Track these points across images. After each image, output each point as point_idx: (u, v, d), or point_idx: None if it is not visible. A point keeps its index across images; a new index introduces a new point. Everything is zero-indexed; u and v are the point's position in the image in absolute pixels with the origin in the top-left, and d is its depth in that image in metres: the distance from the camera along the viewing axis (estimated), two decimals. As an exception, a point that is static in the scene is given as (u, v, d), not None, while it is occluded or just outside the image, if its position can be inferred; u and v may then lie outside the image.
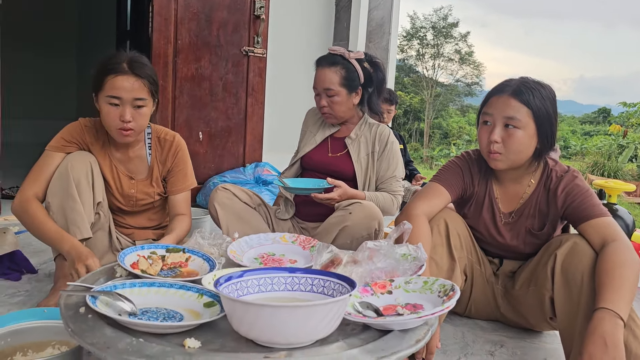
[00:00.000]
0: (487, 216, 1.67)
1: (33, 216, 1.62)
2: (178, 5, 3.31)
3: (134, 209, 1.86)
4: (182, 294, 1.14)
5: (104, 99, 1.65)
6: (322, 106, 2.05)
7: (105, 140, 1.79)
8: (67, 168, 1.64)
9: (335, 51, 2.07)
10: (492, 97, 1.57)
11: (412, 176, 4.21)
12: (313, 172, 2.13)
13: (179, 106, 3.40)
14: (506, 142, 1.52)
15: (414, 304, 1.11)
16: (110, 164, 1.79)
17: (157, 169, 1.85)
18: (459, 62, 26.98)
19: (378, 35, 4.48)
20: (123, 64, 1.65)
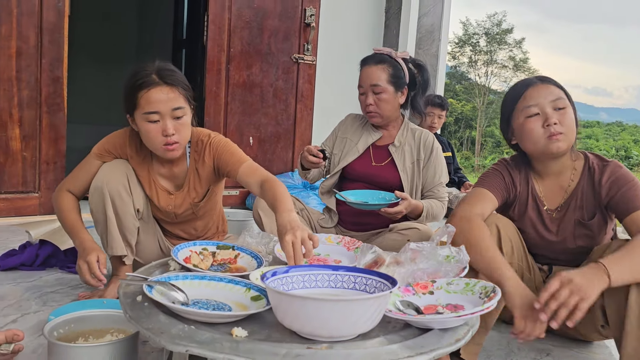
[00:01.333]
0: (533, 214, 1.66)
1: (59, 208, 1.71)
2: (232, 15, 3.43)
3: (175, 221, 1.87)
4: (231, 287, 1.19)
5: (141, 118, 1.59)
6: (368, 104, 2.03)
7: (147, 154, 1.76)
8: (102, 182, 1.66)
9: (381, 50, 2.07)
10: (526, 91, 1.59)
11: (460, 183, 4.17)
12: (356, 182, 2.09)
13: (231, 112, 3.51)
14: (563, 122, 1.53)
15: (455, 304, 1.13)
16: (149, 179, 1.78)
17: (194, 175, 1.79)
18: (513, 68, 26.38)
19: (427, 42, 4.47)
20: (152, 75, 1.58)
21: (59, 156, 2.94)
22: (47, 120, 2.89)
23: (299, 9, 3.67)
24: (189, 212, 1.84)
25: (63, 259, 2.09)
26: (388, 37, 4.32)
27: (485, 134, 22.95)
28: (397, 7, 4.24)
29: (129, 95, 1.61)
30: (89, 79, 6.19)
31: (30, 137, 2.85)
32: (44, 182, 2.91)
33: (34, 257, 2.05)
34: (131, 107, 1.61)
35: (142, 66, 1.62)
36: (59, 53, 2.88)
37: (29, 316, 1.62)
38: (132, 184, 1.72)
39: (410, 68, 2.08)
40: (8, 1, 2.71)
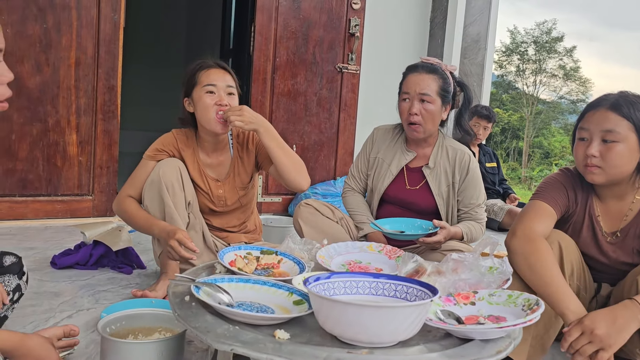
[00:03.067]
0: (588, 235, 1.59)
1: (127, 211, 1.84)
2: (278, 25, 3.51)
3: (224, 209, 2.00)
4: (274, 291, 1.22)
5: (200, 91, 1.84)
6: (413, 113, 1.92)
7: (195, 146, 1.96)
8: (158, 175, 1.81)
9: (429, 60, 2.00)
10: (587, 113, 1.52)
11: (505, 195, 4.09)
12: (390, 205, 2.06)
13: (275, 120, 3.58)
14: (605, 156, 1.45)
15: (497, 315, 1.12)
16: (199, 169, 1.95)
17: (238, 163, 1.98)
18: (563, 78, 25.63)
19: (473, 51, 4.43)
20: (211, 61, 1.89)
21: (111, 161, 3.08)
22: (102, 127, 3.02)
23: (344, 19, 3.72)
24: (236, 200, 1.98)
25: (114, 260, 2.19)
26: (433, 47, 4.30)
27: (533, 144, 22.36)
28: (443, 17, 4.22)
29: (190, 78, 1.88)
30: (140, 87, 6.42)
31: (86, 143, 3.00)
32: (97, 186, 3.05)
33: (87, 257, 2.15)
34: (190, 87, 1.87)
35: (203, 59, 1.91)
36: (114, 63, 3.02)
37: (83, 313, 1.71)
38: (185, 178, 1.86)
39: (454, 84, 2.02)
40: (69, 14, 2.86)
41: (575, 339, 1.21)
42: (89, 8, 2.91)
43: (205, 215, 1.99)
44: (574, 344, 1.21)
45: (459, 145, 2.06)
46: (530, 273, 1.37)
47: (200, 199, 1.96)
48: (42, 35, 2.81)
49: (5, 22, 2.71)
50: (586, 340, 1.20)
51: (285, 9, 3.52)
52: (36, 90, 2.83)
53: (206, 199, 1.96)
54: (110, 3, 2.95)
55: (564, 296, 1.31)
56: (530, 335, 1.39)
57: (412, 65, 2.02)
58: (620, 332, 1.20)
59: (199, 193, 1.95)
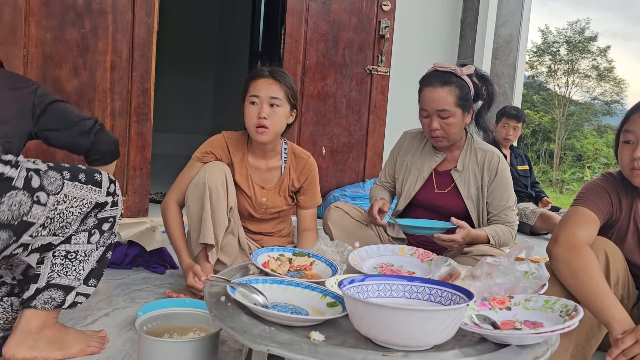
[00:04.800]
0: (633, 242, 1.54)
1: (166, 223, 1.92)
2: (308, 28, 3.53)
3: (263, 217, 2.02)
4: (308, 293, 1.24)
5: (247, 100, 1.89)
6: (434, 129, 1.90)
7: (245, 151, 1.99)
8: (204, 177, 1.83)
9: (444, 68, 1.93)
10: (633, 114, 1.48)
11: (538, 198, 4.02)
12: (419, 208, 2.04)
13: (305, 122, 3.59)
14: None
15: (533, 321, 1.11)
16: (247, 174, 1.98)
17: (287, 180, 2.01)
18: (596, 78, 25.02)
19: (505, 52, 4.37)
20: (265, 71, 1.91)
21: (144, 163, 3.14)
22: (136, 129, 3.08)
23: (374, 21, 3.71)
24: (277, 211, 2.02)
25: (148, 259, 2.23)
26: (463, 48, 4.26)
27: (564, 147, 21.88)
28: (474, 18, 4.18)
29: (244, 85, 1.93)
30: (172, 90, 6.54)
31: (120, 145, 3.04)
32: (131, 187, 3.11)
33: (122, 257, 2.20)
34: (244, 94, 1.92)
35: (261, 67, 1.95)
36: (148, 66, 3.07)
37: (119, 311, 1.75)
38: (229, 183, 1.88)
39: (475, 82, 1.95)
40: (105, 19, 2.93)
41: (628, 347, 1.18)
42: (124, 13, 2.97)
43: (243, 219, 2.02)
44: (627, 351, 1.17)
45: (488, 146, 2.02)
46: (574, 281, 1.34)
47: (242, 203, 1.98)
48: (79, 40, 2.89)
49: (45, 27, 2.79)
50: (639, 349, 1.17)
51: (315, 11, 3.53)
52: (74, 93, 2.91)
53: (248, 204, 1.99)
54: (145, 7, 3.01)
55: (609, 305, 1.28)
56: (571, 344, 1.37)
57: (426, 77, 1.96)
58: None
59: (242, 197, 1.98)
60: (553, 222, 3.54)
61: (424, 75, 1.99)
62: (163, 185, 3.93)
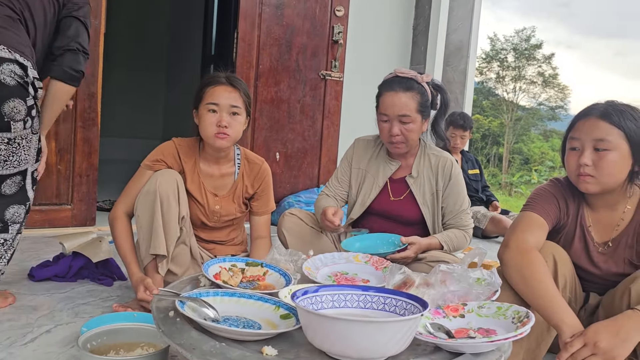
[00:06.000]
0: (579, 246, 1.58)
1: (114, 235, 1.84)
2: (261, 32, 3.49)
3: (217, 225, 1.97)
4: (260, 305, 1.20)
5: (203, 108, 1.83)
6: (395, 135, 1.89)
7: (197, 158, 1.93)
8: (155, 185, 1.76)
9: (405, 74, 1.92)
10: (578, 122, 1.52)
11: (488, 202, 4.11)
12: (375, 216, 2.04)
13: (258, 127, 3.55)
14: (597, 165, 1.45)
15: (486, 328, 1.11)
16: (199, 181, 1.92)
17: (241, 186, 1.97)
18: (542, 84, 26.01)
19: (456, 59, 4.46)
20: (222, 78, 1.86)
21: (91, 169, 3.01)
22: (82, 134, 2.96)
23: (327, 26, 3.71)
24: (231, 219, 1.98)
25: (95, 271, 2.13)
26: (416, 54, 4.32)
27: (513, 150, 22.61)
28: (425, 25, 4.25)
29: (198, 91, 1.88)
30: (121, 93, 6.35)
31: (65, 151, 2.93)
32: (77, 195, 2.98)
33: (67, 269, 2.10)
34: (198, 100, 1.87)
35: (215, 73, 1.90)
36: (95, 69, 2.96)
37: (62, 327, 1.65)
38: (181, 191, 1.82)
39: (431, 91, 1.96)
40: (48, 19, 2.80)
41: (576, 350, 1.20)
42: (68, 14, 2.85)
43: (194, 228, 1.96)
44: (576, 355, 1.20)
45: (440, 151, 2.04)
46: (524, 286, 1.36)
47: (194, 211, 1.92)
48: (19, 41, 2.75)
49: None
50: (589, 352, 1.19)
51: (268, 15, 3.50)
52: (13, 97, 2.77)
53: (200, 212, 1.93)
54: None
55: (559, 309, 1.30)
56: (522, 349, 1.39)
57: (388, 81, 1.94)
58: (623, 343, 1.19)
59: (195, 206, 1.92)
60: (503, 225, 3.63)
61: (384, 80, 1.97)
62: (112, 193, 3.79)
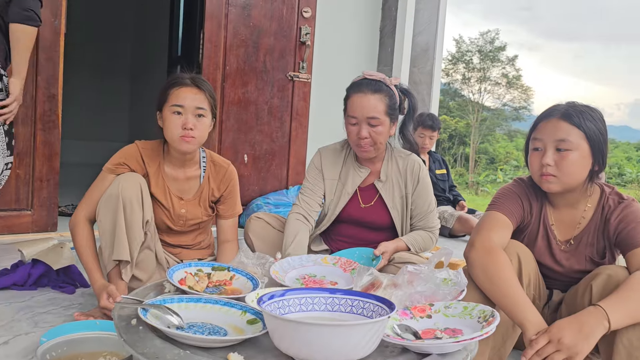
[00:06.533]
0: (543, 244, 1.62)
1: (76, 242, 1.78)
2: (227, 33, 3.45)
3: (182, 229, 1.93)
4: (227, 310, 1.18)
5: (168, 110, 1.78)
6: (363, 137, 1.86)
7: (161, 161, 1.88)
8: (117, 189, 1.71)
9: (373, 76, 1.91)
10: (540, 123, 1.55)
11: (455, 202, 4.17)
12: (344, 224, 2.02)
13: (226, 129, 3.51)
14: (559, 165, 1.48)
15: (453, 328, 1.12)
16: (164, 185, 1.88)
17: (207, 190, 1.93)
18: (506, 86, 26.61)
19: (422, 60, 4.51)
20: (186, 79, 1.81)
21: (52, 173, 2.93)
22: (42, 138, 2.87)
23: (295, 28, 3.70)
24: (197, 222, 1.94)
25: (55, 279, 2.07)
26: (383, 56, 4.35)
27: (479, 150, 23.04)
28: (392, 26, 4.28)
29: (162, 92, 1.82)
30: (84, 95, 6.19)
31: (25, 155, 2.83)
32: (37, 200, 2.89)
33: (26, 277, 2.02)
34: (162, 102, 1.81)
35: (180, 73, 1.85)
36: (55, 70, 2.87)
37: (21, 338, 1.59)
38: (145, 195, 1.77)
39: (398, 94, 1.95)
40: (4, 19, 2.71)
41: (541, 347, 1.22)
42: (26, 13, 2.76)
43: (160, 232, 1.91)
44: (541, 352, 1.21)
45: (407, 153, 2.03)
46: (490, 285, 1.38)
47: (159, 215, 1.88)
48: (-26, 41, 2.65)
49: None
50: (553, 348, 1.21)
51: (234, 16, 3.47)
52: (-32, 99, 2.66)
53: (166, 216, 1.89)
54: (50, 7, 2.82)
55: (523, 307, 1.32)
56: (488, 347, 1.40)
57: (356, 84, 1.92)
58: (587, 339, 1.22)
59: (159, 210, 1.87)
60: (470, 224, 3.69)
61: (352, 82, 1.95)
62: (75, 197, 3.69)
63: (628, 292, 1.29)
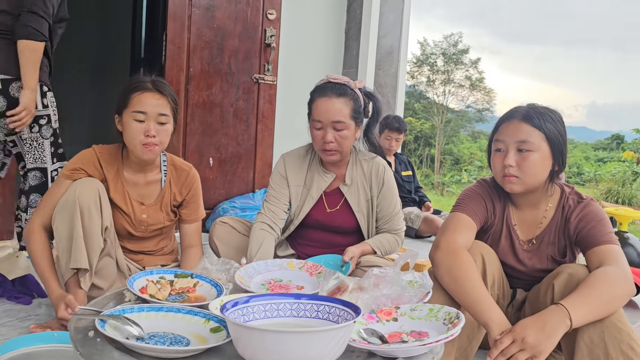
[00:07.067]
0: (506, 244, 1.64)
1: (31, 250, 1.71)
2: (191, 34, 3.40)
3: (144, 234, 1.88)
4: (189, 319, 1.15)
5: (129, 116, 1.72)
6: (328, 142, 1.85)
7: (120, 165, 1.83)
8: (74, 195, 1.65)
9: (337, 79, 1.90)
10: (502, 125, 1.58)
11: (421, 202, 4.21)
12: (310, 229, 2.01)
13: (190, 132, 3.45)
14: (521, 166, 1.51)
15: (419, 331, 1.12)
16: (123, 190, 1.82)
17: (168, 195, 1.89)
18: (469, 88, 27.10)
19: (387, 63, 4.54)
20: (148, 83, 1.75)
21: (7, 178, 2.81)
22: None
23: (260, 29, 3.67)
24: (159, 227, 1.89)
25: (11, 289, 1.98)
26: (348, 58, 4.36)
27: (444, 151, 23.38)
28: (357, 29, 4.30)
29: (122, 96, 1.75)
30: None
31: (-23, 160, 2.72)
32: (-9, 207, 2.78)
33: (-22, 288, 1.94)
34: (122, 106, 1.74)
35: (141, 76, 1.79)
36: (9, 72, 2.77)
37: (-28, 352, 1.52)
38: (103, 201, 1.71)
39: (363, 98, 1.94)
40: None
41: (506, 347, 1.23)
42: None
43: (121, 239, 1.86)
44: (505, 351, 1.23)
45: (372, 156, 2.02)
46: (455, 285, 1.39)
47: (119, 221, 1.82)
48: None
49: None
50: (517, 348, 1.22)
51: (198, 17, 3.42)
52: None
53: (126, 222, 1.83)
54: (4, 7, 2.71)
55: (487, 307, 1.34)
56: (454, 347, 1.41)
57: (320, 88, 1.91)
58: (549, 338, 1.23)
59: (120, 215, 1.82)
60: (436, 225, 3.73)
61: (316, 86, 1.93)
62: (32, 203, 3.56)
63: (589, 291, 1.32)
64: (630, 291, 1.36)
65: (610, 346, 1.30)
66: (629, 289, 1.36)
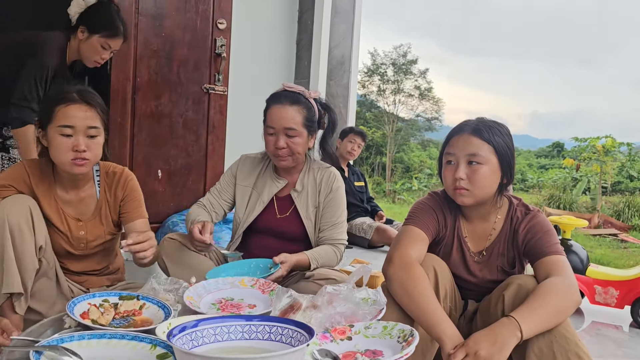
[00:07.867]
0: (457, 256, 1.66)
1: None
2: (137, 43, 3.30)
3: (85, 252, 1.78)
4: (135, 345, 1.09)
5: (54, 131, 1.61)
6: (280, 147, 1.89)
7: (52, 181, 1.72)
8: (3, 214, 1.54)
9: (292, 88, 1.95)
10: (452, 138, 1.60)
11: (374, 212, 4.24)
12: (259, 234, 1.99)
13: (138, 144, 3.34)
14: (471, 179, 1.53)
15: (373, 350, 1.10)
16: (57, 207, 1.72)
17: (105, 206, 1.79)
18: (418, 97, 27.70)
19: (339, 73, 4.56)
20: (73, 93, 1.63)
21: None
22: None
23: (209, 39, 3.61)
24: (100, 243, 1.78)
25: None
26: (300, 69, 4.36)
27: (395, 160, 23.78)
28: (308, 39, 4.30)
29: (46, 109, 1.64)
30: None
31: None
32: None
33: None
34: (46, 120, 1.63)
35: (65, 86, 1.69)
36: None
37: None
38: (36, 219, 1.60)
39: (318, 109, 1.98)
40: None
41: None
42: None
43: (60, 259, 1.75)
44: None
45: (327, 166, 2.04)
46: (408, 300, 1.39)
47: (56, 240, 1.71)
48: None
49: None
50: None
51: (145, 25, 3.32)
52: None
53: (64, 240, 1.73)
54: None
55: (440, 321, 1.34)
56: None
57: (275, 95, 1.95)
58: (501, 351, 1.25)
59: (56, 234, 1.71)
60: (388, 234, 3.75)
61: (272, 94, 1.97)
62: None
63: (538, 302, 1.34)
64: (577, 300, 1.40)
65: (559, 355, 1.33)
66: (576, 299, 1.39)
